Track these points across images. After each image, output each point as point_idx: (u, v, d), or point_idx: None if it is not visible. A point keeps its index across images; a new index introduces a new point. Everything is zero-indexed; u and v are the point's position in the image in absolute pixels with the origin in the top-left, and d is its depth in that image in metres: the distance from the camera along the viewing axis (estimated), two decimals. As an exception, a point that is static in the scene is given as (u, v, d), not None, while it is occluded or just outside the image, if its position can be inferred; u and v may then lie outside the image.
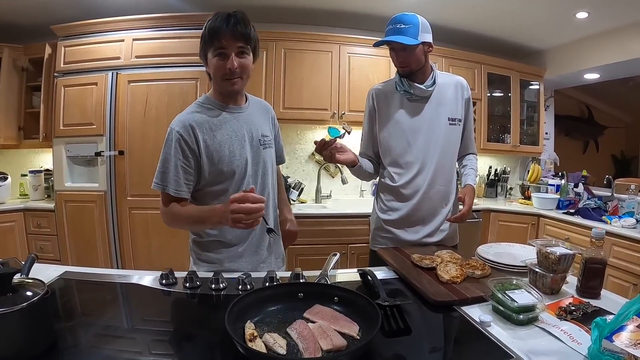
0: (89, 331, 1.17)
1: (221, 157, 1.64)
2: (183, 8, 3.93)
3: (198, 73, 3.65)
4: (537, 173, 4.86)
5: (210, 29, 1.57)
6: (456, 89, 2.17)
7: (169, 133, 1.63)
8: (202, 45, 1.63)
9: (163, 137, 1.64)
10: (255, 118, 1.82)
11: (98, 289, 1.52)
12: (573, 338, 1.13)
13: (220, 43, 1.57)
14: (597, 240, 1.45)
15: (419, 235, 2.14)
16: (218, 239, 1.74)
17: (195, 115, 1.66)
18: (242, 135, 1.72)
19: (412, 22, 1.95)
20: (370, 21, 4.36)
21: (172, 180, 1.60)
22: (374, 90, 2.23)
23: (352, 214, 3.80)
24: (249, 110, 1.80)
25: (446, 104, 2.13)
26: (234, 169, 1.67)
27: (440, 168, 2.12)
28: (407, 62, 2.02)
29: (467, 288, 1.45)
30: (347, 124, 2.01)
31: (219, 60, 1.59)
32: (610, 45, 4.26)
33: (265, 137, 1.83)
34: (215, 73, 1.62)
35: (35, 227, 3.98)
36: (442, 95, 2.13)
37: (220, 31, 1.55)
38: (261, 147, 1.79)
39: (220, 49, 1.58)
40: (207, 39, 1.59)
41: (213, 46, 1.58)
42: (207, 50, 1.62)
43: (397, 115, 2.12)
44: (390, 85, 2.18)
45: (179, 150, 1.60)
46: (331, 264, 1.57)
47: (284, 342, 1.04)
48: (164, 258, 3.72)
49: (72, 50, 3.81)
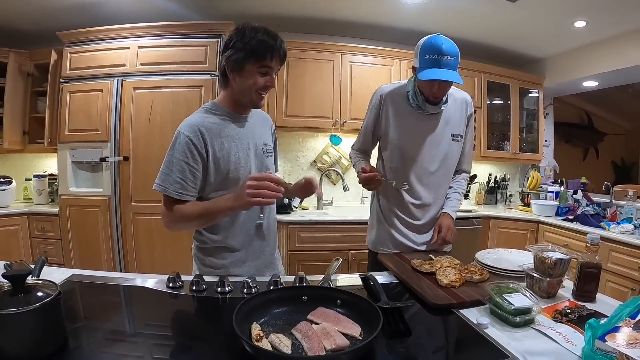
0: (98, 333, 1.19)
1: (227, 163, 1.66)
2: (188, 16, 3.98)
3: (202, 81, 3.70)
4: (537, 180, 4.88)
5: (264, 47, 1.57)
6: (462, 106, 2.19)
7: (176, 136, 1.63)
8: (242, 55, 1.58)
9: (168, 144, 1.65)
10: (257, 127, 1.85)
11: (106, 291, 1.55)
12: (568, 339, 1.16)
13: (271, 63, 1.60)
14: (592, 245, 1.49)
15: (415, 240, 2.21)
16: (222, 245, 1.75)
17: (204, 120, 1.66)
18: (247, 143, 1.74)
19: (456, 53, 1.89)
20: (372, 30, 4.41)
21: (175, 183, 1.59)
22: (385, 93, 2.17)
23: (354, 220, 3.81)
24: (252, 119, 1.83)
25: (452, 121, 2.16)
26: (239, 175, 1.68)
27: (438, 182, 2.19)
28: (444, 94, 2.03)
29: (466, 292, 1.49)
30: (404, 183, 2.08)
31: (261, 76, 1.62)
32: (609, 53, 4.29)
33: (267, 146, 1.87)
34: (253, 86, 1.62)
35: (39, 231, 4.02)
36: (449, 112, 2.15)
37: (274, 50, 1.58)
38: (264, 155, 1.83)
39: (267, 67, 1.61)
40: (256, 54, 1.57)
41: (261, 62, 1.59)
42: (247, 63, 1.59)
43: (406, 124, 2.13)
44: (401, 91, 2.15)
45: (188, 154, 1.59)
46: (334, 269, 1.61)
47: (289, 342, 1.08)
48: (167, 263, 3.75)
49: (77, 57, 3.86)
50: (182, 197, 1.61)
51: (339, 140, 4.60)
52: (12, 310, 0.98)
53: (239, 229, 1.76)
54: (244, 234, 1.77)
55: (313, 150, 4.75)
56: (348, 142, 1.84)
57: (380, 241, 2.28)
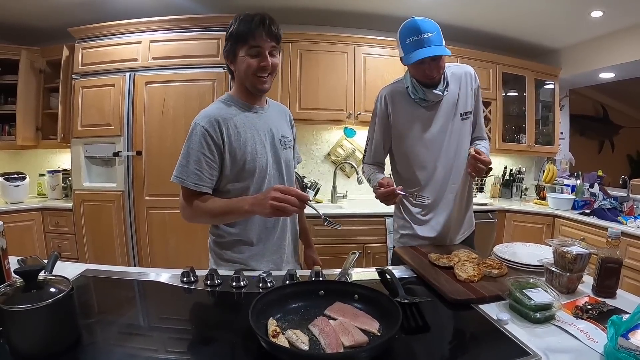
0: (112, 328, 1.19)
1: (244, 154, 1.65)
2: (199, 10, 3.97)
3: (215, 74, 3.70)
4: (553, 173, 4.83)
5: (244, 28, 1.58)
6: (465, 80, 2.09)
7: (193, 127, 1.63)
8: (231, 43, 1.64)
9: (181, 138, 1.65)
10: (275, 119, 1.83)
11: (119, 286, 1.55)
12: (589, 336, 1.13)
13: (256, 42, 1.58)
14: (613, 240, 1.45)
15: (436, 231, 2.13)
16: (240, 238, 1.74)
17: (220, 111, 1.67)
18: (264, 134, 1.73)
19: (435, 28, 1.85)
20: (385, 21, 4.35)
21: (192, 174, 1.59)
22: (386, 93, 2.11)
23: (368, 213, 3.80)
24: (269, 111, 1.82)
25: (460, 100, 2.07)
26: (256, 166, 1.68)
27: (455, 166, 2.10)
28: (438, 72, 1.94)
29: (485, 287, 1.46)
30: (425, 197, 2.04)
31: (253, 58, 1.61)
32: (626, 43, 4.22)
33: (286, 138, 1.84)
34: (247, 70, 1.62)
35: (53, 226, 4.06)
36: (453, 92, 2.07)
37: (257, 30, 1.57)
38: (282, 147, 1.80)
39: (256, 47, 1.59)
40: (240, 38, 1.59)
41: (247, 44, 1.59)
42: (237, 49, 1.63)
43: (413, 120, 2.07)
44: (400, 88, 2.10)
45: (204, 145, 1.60)
46: (351, 263, 1.59)
47: (306, 338, 1.06)
48: (181, 257, 3.77)
49: (89, 52, 3.88)
50: (199, 189, 1.61)
51: (353, 132, 4.58)
52: (24, 307, 0.97)
53: (256, 222, 1.75)
54: (261, 227, 1.76)
55: (327, 143, 4.74)
56: (362, 135, 1.80)
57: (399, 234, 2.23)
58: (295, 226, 1.97)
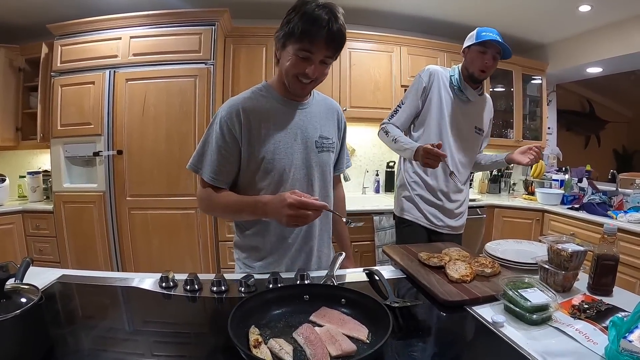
0: (86, 337, 1.12)
1: (264, 151, 1.52)
2: (180, 5, 3.88)
3: (197, 70, 3.63)
4: (541, 168, 4.80)
5: (304, 27, 1.37)
6: (489, 106, 2.54)
7: (215, 116, 1.54)
8: (285, 33, 1.43)
9: (162, 136, 1.59)
10: (316, 116, 1.66)
11: (95, 292, 1.47)
12: (589, 338, 1.09)
13: (311, 47, 1.40)
14: (609, 236, 1.41)
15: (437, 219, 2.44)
16: (254, 247, 1.66)
17: (246, 100, 1.54)
18: (294, 133, 1.57)
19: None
20: (371, 16, 4.29)
21: (208, 165, 1.51)
22: (436, 71, 2.37)
23: (355, 211, 3.75)
24: (311, 107, 1.65)
25: (479, 114, 2.46)
26: (274, 167, 1.54)
27: (462, 164, 2.46)
28: (490, 69, 2.26)
29: (478, 287, 1.41)
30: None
31: (300, 60, 1.43)
32: (614, 38, 4.22)
33: (325, 140, 1.66)
34: (289, 70, 1.46)
35: (34, 229, 3.95)
36: (480, 105, 2.46)
37: (317, 37, 1.38)
38: (317, 149, 1.63)
39: (306, 52, 1.42)
40: (296, 35, 1.39)
41: (300, 44, 1.40)
42: (288, 42, 1.44)
43: (445, 103, 2.34)
44: (445, 73, 2.38)
45: (220, 134, 1.49)
46: (337, 264, 1.53)
47: (290, 348, 0.99)
48: (164, 258, 3.67)
49: (68, 49, 3.78)
50: (214, 183, 1.53)
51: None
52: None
53: (272, 232, 1.63)
54: (277, 236, 1.64)
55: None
56: (349, 130, 1.74)
57: (407, 208, 2.47)
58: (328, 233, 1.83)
